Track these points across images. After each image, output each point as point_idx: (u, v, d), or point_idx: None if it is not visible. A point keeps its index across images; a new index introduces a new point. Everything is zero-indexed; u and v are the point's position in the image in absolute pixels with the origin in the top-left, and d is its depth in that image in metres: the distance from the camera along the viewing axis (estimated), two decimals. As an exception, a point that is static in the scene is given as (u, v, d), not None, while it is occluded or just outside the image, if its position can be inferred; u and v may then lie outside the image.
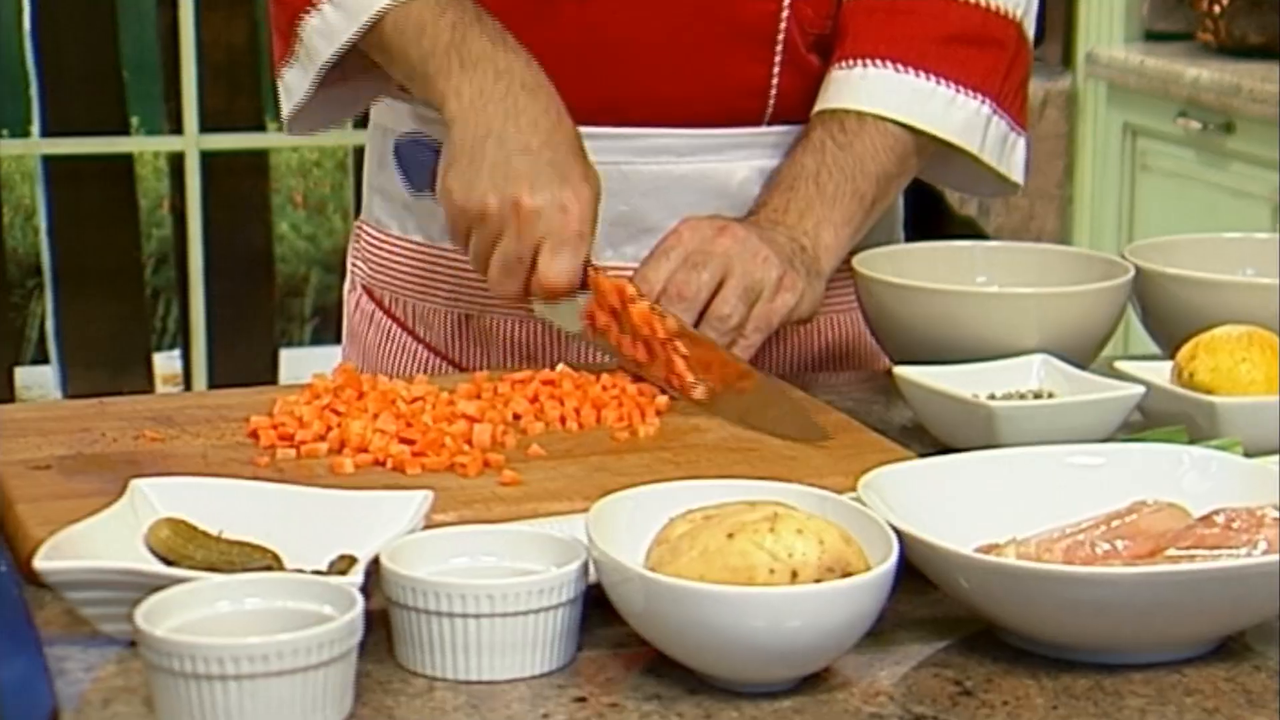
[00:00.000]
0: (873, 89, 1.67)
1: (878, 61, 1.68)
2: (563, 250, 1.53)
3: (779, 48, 1.70)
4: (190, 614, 1.07)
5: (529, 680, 1.12)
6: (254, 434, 1.44)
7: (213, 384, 4.45)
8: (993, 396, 1.51)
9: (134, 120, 4.98)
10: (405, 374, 1.70)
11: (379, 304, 1.82)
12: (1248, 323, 1.54)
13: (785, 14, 1.69)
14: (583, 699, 1.10)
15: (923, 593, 1.20)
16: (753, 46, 1.69)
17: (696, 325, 1.54)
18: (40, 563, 1.12)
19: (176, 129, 4.51)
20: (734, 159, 1.72)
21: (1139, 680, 1.12)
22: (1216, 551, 1.15)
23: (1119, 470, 1.26)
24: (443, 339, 1.77)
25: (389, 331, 1.80)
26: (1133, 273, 1.65)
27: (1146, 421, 1.50)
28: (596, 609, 1.15)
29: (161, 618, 1.05)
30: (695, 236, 1.58)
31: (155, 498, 1.23)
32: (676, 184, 1.70)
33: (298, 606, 1.08)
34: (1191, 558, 1.15)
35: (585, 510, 1.25)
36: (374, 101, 1.78)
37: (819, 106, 1.69)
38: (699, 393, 1.50)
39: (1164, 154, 3.97)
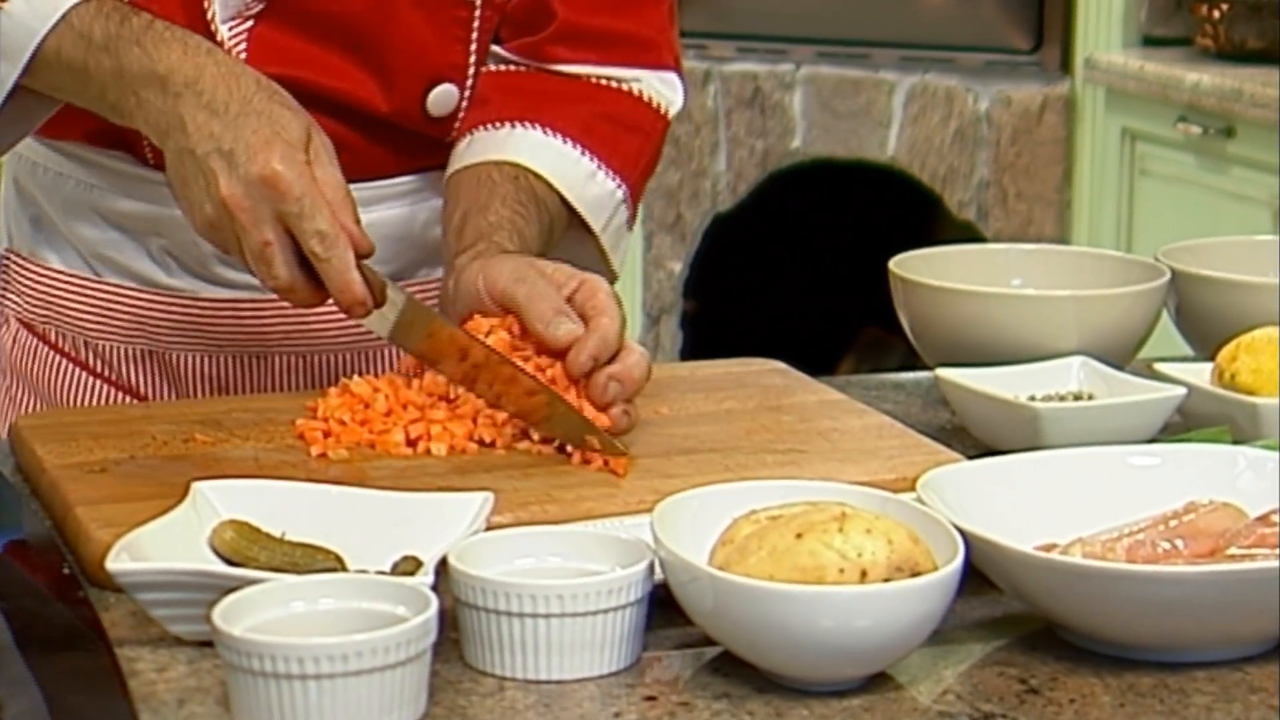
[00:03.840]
0: (519, 145, 1.64)
1: (525, 124, 1.65)
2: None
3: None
4: (266, 614, 1.08)
5: (598, 680, 1.12)
6: (301, 436, 1.44)
7: None
8: (1033, 398, 1.52)
9: None
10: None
11: (43, 339, 1.73)
12: (1282, 325, 1.56)
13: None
14: (653, 698, 1.11)
15: (979, 593, 1.20)
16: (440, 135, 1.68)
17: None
18: (113, 565, 1.12)
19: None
20: (415, 202, 1.69)
21: (1203, 678, 1.13)
22: (1278, 550, 1.16)
23: (1175, 470, 1.27)
24: (124, 374, 1.70)
25: (59, 367, 1.72)
26: (1169, 275, 1.66)
27: (1186, 423, 1.51)
28: (658, 609, 1.16)
29: (238, 618, 1.06)
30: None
31: (217, 500, 1.24)
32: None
33: (371, 607, 1.09)
34: (1253, 556, 1.16)
35: (640, 512, 1.26)
36: (44, 118, 1.61)
37: (459, 165, 1.64)
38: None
39: (1163, 159, 3.99)
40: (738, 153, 4.54)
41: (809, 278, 4.74)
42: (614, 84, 1.69)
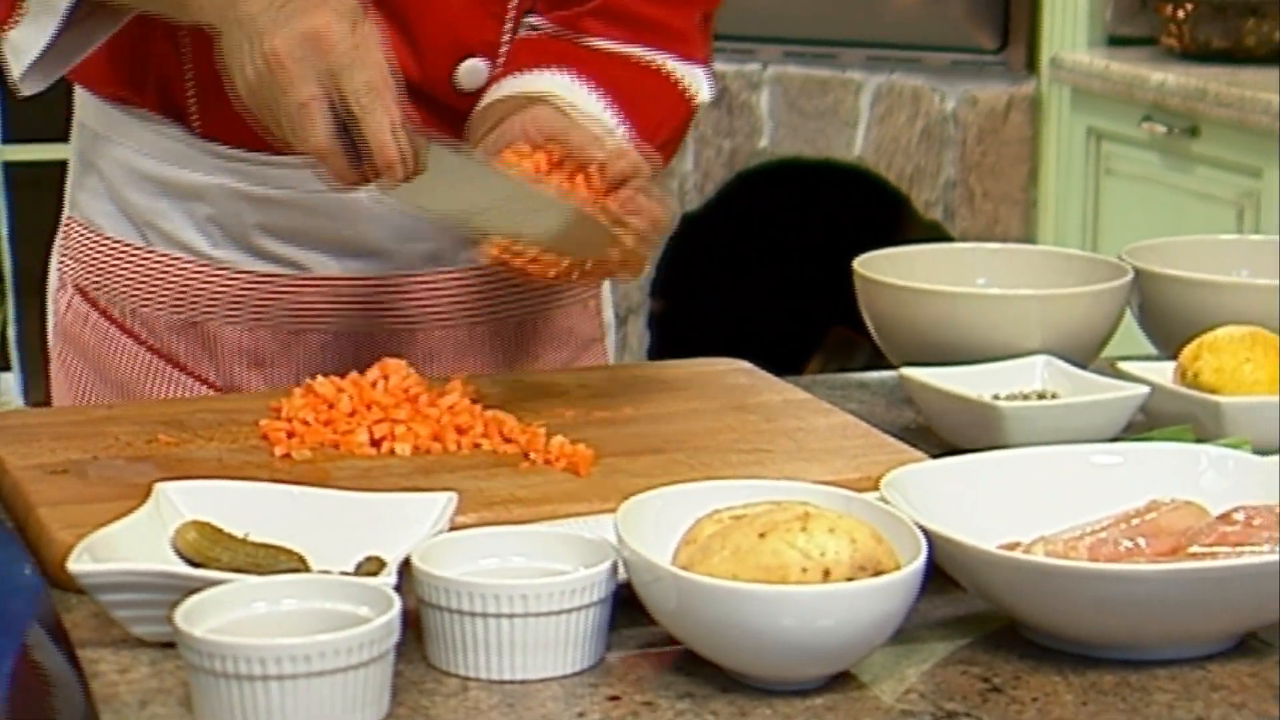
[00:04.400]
0: (550, 82, 1.64)
1: (554, 69, 1.66)
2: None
3: None
4: (228, 615, 1.07)
5: (561, 679, 1.12)
6: (265, 437, 1.44)
7: None
8: (997, 397, 1.52)
9: None
10: (128, 377, 1.71)
11: (94, 305, 1.76)
12: (1245, 323, 1.56)
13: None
14: (616, 698, 1.11)
15: (942, 591, 1.21)
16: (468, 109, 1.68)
17: None
18: (74, 566, 1.12)
19: None
20: None
21: (1165, 676, 1.13)
22: (1239, 549, 1.16)
23: (1137, 469, 1.28)
24: (167, 344, 1.73)
25: (107, 333, 1.75)
26: (1132, 274, 1.66)
27: (1149, 421, 1.51)
28: (622, 609, 1.16)
29: (200, 619, 1.06)
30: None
31: (180, 501, 1.23)
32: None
33: (334, 607, 1.09)
34: (1214, 555, 1.16)
35: (604, 511, 1.26)
36: (102, 40, 1.66)
37: (488, 101, 1.65)
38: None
39: (1129, 158, 4.00)
40: (705, 152, 4.54)
41: (776, 278, 4.74)
42: (644, 61, 1.71)
